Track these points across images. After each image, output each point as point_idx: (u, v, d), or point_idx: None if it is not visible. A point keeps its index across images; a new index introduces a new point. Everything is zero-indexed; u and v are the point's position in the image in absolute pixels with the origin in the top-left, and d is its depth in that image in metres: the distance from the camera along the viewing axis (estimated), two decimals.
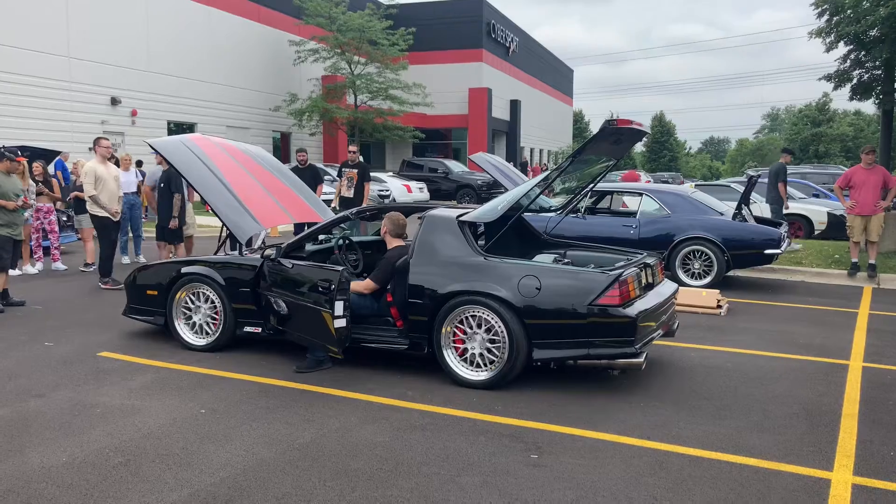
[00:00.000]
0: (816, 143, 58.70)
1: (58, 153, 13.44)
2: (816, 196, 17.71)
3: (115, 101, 23.18)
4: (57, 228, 11.38)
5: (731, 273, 10.58)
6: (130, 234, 12.01)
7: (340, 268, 5.43)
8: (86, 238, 11.10)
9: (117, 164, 11.51)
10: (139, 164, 17.37)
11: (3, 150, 8.42)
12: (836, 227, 15.01)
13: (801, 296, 9.84)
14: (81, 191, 10.72)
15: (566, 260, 6.22)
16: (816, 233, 15.73)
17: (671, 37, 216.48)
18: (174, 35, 25.64)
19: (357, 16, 30.56)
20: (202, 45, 27.08)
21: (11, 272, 8.75)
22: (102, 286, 9.49)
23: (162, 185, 10.21)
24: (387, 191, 24.25)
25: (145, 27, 24.40)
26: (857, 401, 5.32)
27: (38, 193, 10.84)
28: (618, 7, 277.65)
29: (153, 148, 7.02)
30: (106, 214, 9.53)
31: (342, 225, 7.07)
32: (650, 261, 6.04)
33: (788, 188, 17.18)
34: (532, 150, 50.65)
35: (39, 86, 20.51)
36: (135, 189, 11.79)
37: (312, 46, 30.56)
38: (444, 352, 5.53)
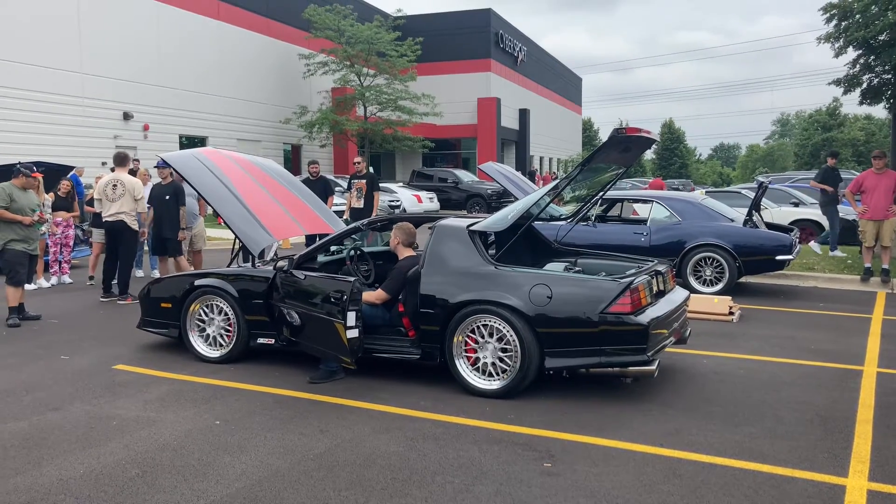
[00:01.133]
0: (828, 147, 58.44)
1: (71, 168, 13.56)
2: None
3: (127, 116, 23.41)
4: (72, 243, 11.50)
5: (742, 279, 10.55)
6: (147, 248, 12.07)
7: (352, 278, 5.47)
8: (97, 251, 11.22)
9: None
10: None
11: (19, 165, 8.52)
12: (849, 232, 14.93)
13: (814, 301, 9.80)
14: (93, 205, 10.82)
15: (577, 268, 6.25)
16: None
17: (677, 44, 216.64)
18: (185, 49, 25.88)
19: (365, 28, 30.77)
20: (213, 60, 27.31)
21: (27, 286, 8.83)
22: (122, 302, 9.52)
23: (167, 197, 10.14)
24: (397, 201, 24.34)
25: (157, 42, 24.64)
26: (871, 406, 5.29)
27: (56, 209, 10.95)
28: (621, 16, 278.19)
29: (166, 162, 7.10)
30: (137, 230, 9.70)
31: (353, 236, 7.11)
32: (661, 268, 6.04)
33: (800, 194, 17.16)
34: (542, 159, 50.69)
35: (53, 102, 20.76)
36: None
37: (322, 59, 30.78)
38: (456, 361, 5.55)
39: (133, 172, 11.01)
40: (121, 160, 9.85)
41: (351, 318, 5.33)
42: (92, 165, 19.29)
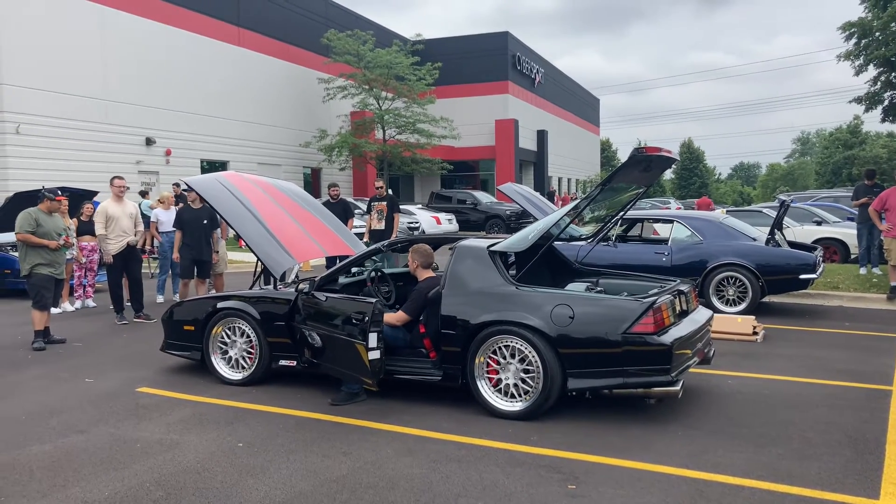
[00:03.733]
0: (849, 166, 57.89)
1: (95, 193, 13.76)
2: (851, 220, 17.45)
3: (149, 142, 23.73)
4: (96, 267, 11.64)
5: (766, 299, 10.44)
6: (170, 271, 12.16)
7: (373, 300, 5.48)
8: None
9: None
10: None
11: (43, 190, 8.65)
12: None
13: (840, 321, 9.67)
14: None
15: (599, 288, 6.21)
16: (853, 257, 15.48)
17: (690, 64, 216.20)
18: (206, 75, 26.25)
19: (384, 52, 31.06)
20: (233, 85, 27.66)
21: (52, 310, 8.93)
22: (118, 322, 9.77)
23: (206, 221, 10.52)
24: (416, 223, 24.42)
25: (178, 68, 25.00)
26: None
27: (80, 234, 11.09)
28: (634, 37, 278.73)
29: (189, 186, 7.18)
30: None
31: (374, 257, 7.14)
32: (684, 288, 6.00)
33: (823, 212, 17.02)
34: (560, 180, 50.65)
35: (77, 128, 21.10)
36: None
37: (341, 83, 31.07)
38: (478, 382, 5.52)
39: (143, 194, 11.36)
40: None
41: (372, 339, 5.33)
42: None
